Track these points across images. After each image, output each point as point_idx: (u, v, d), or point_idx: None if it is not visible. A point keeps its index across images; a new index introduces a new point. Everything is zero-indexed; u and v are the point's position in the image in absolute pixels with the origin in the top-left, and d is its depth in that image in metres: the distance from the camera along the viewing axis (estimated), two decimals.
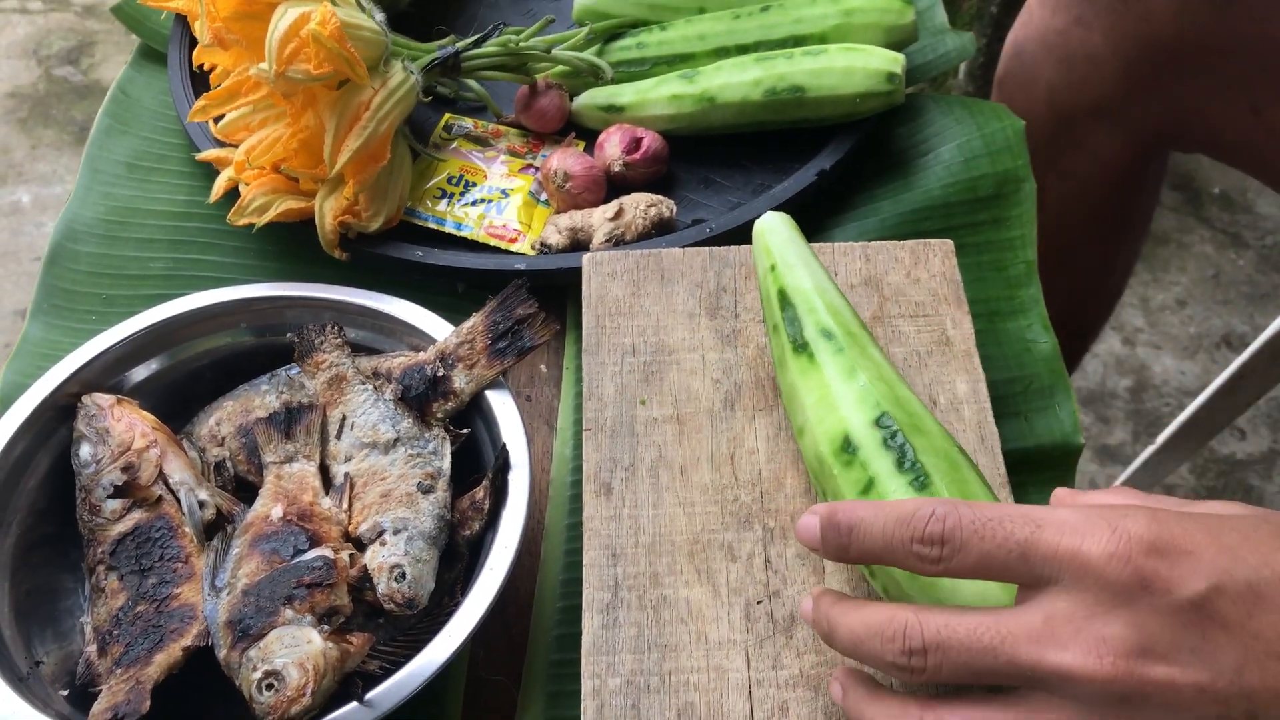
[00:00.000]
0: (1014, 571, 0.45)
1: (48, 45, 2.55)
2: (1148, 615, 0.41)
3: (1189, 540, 0.43)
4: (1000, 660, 0.43)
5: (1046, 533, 0.44)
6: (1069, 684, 0.42)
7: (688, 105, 0.93)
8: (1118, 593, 0.42)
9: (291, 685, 0.58)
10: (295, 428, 0.71)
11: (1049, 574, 0.44)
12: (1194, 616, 0.41)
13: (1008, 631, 0.44)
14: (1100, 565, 0.42)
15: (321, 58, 0.78)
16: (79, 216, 0.92)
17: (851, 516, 0.49)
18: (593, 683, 0.61)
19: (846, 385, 0.62)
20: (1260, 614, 0.41)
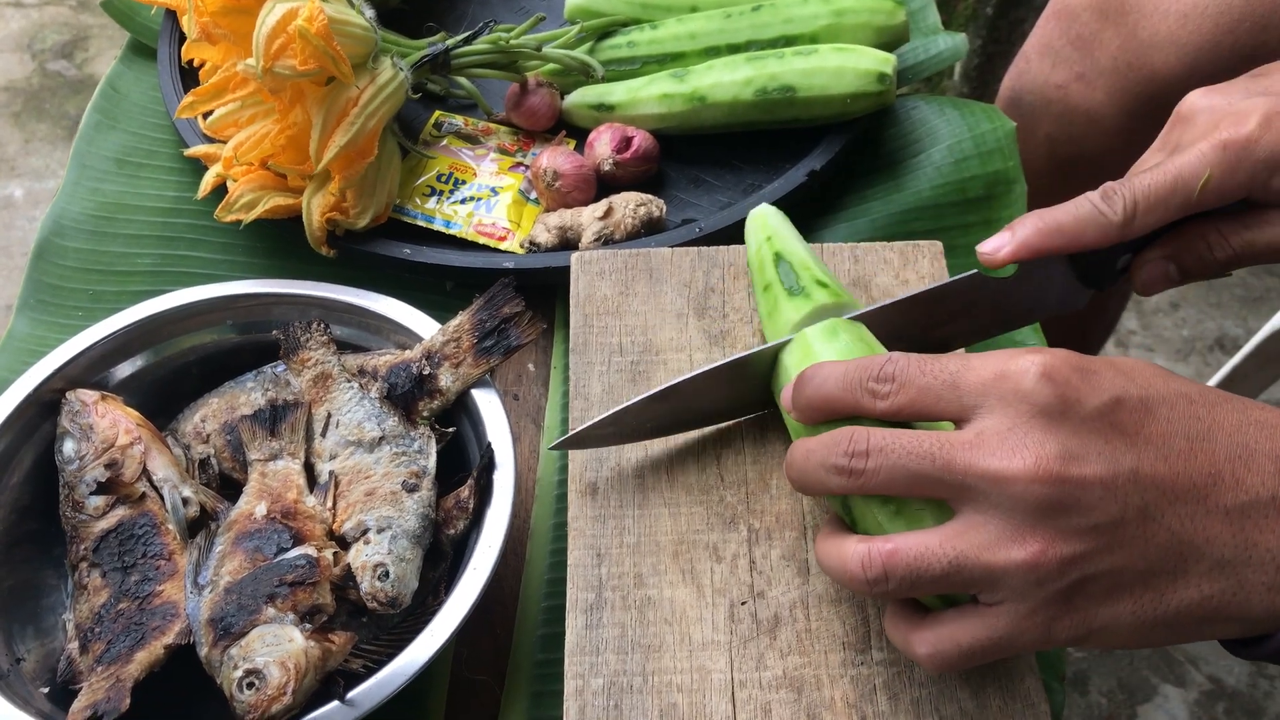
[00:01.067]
0: (947, 402, 0.50)
1: (42, 39, 2.54)
2: (1065, 426, 0.48)
3: (1093, 364, 0.50)
4: (937, 465, 0.48)
5: (974, 362, 0.50)
6: (1000, 486, 0.47)
7: (678, 104, 0.93)
8: (1038, 407, 0.48)
9: (272, 684, 0.58)
10: (280, 425, 0.71)
11: (978, 401, 0.49)
12: (1101, 424, 0.48)
13: (945, 441, 0.49)
14: (1021, 382, 0.48)
15: (308, 54, 0.78)
16: (66, 212, 0.92)
17: (818, 369, 0.55)
18: (576, 683, 0.61)
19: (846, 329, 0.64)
20: (1150, 423, 0.48)
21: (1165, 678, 1.62)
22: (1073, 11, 1.04)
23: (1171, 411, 0.49)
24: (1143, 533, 0.47)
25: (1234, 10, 0.92)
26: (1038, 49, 1.09)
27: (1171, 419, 0.49)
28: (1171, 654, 1.64)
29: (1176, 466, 0.48)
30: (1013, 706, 0.60)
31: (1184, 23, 0.96)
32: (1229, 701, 1.60)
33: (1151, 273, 0.62)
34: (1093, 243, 0.59)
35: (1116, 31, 1.01)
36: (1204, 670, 1.63)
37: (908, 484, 0.50)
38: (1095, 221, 0.58)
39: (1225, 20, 0.93)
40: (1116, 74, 1.02)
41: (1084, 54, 1.04)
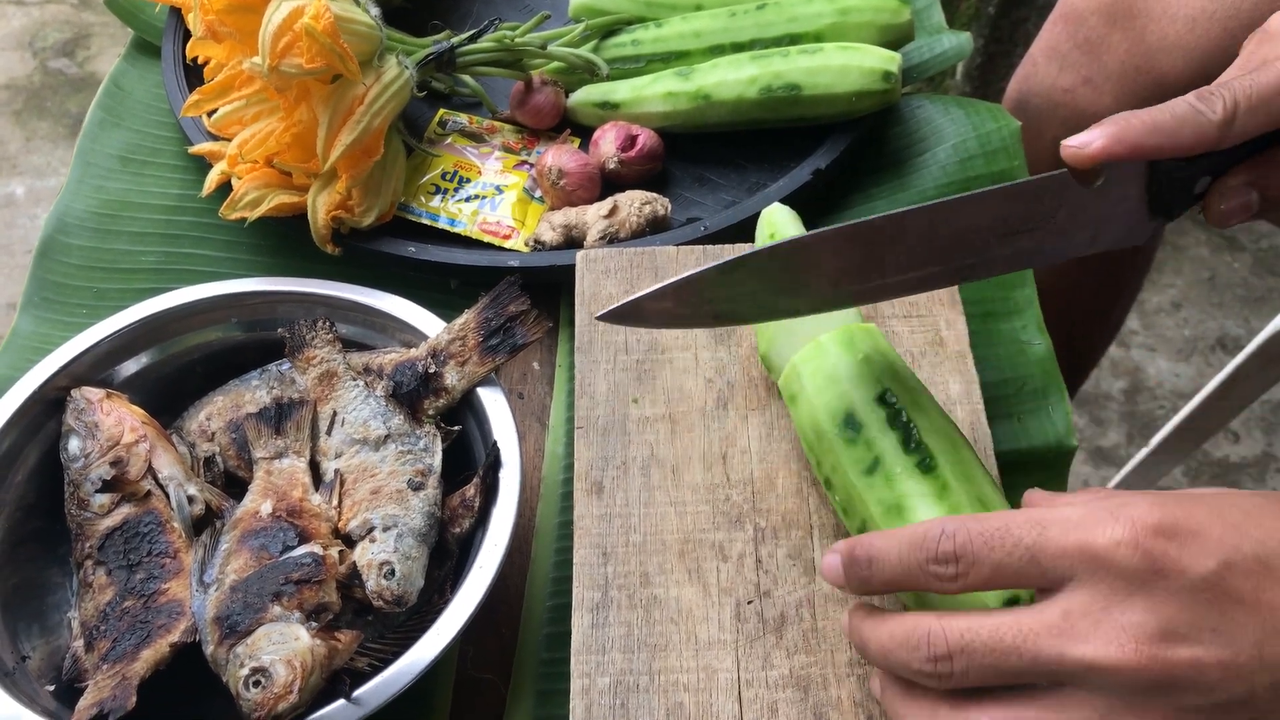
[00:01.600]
0: (1028, 576, 0.45)
1: (43, 37, 2.54)
2: (1164, 599, 0.41)
3: (1193, 520, 0.43)
4: (1025, 659, 0.44)
5: (1052, 532, 0.45)
6: (1095, 675, 0.42)
7: (683, 103, 0.93)
8: (1131, 580, 0.42)
9: (279, 682, 0.58)
10: (285, 423, 0.70)
11: (1062, 572, 0.44)
12: (1209, 595, 0.41)
13: (1029, 629, 0.44)
14: (1110, 554, 0.42)
15: (314, 52, 0.78)
16: (70, 210, 0.92)
17: (869, 550, 0.50)
18: (582, 682, 0.61)
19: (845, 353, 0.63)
20: (1271, 586, 0.42)
21: None
22: (1080, 15, 1.04)
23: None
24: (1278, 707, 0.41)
25: (1242, 15, 0.92)
26: (1044, 52, 1.08)
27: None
28: None
29: None
30: None
31: (1192, 27, 0.95)
32: None
33: (1233, 200, 0.56)
34: (1188, 146, 0.53)
35: (1124, 36, 1.00)
36: None
37: (999, 678, 0.46)
38: (1193, 121, 0.52)
39: (1233, 25, 0.92)
40: (1124, 78, 1.01)
41: (1091, 58, 1.03)
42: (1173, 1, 0.96)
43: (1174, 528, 0.43)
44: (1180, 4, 0.96)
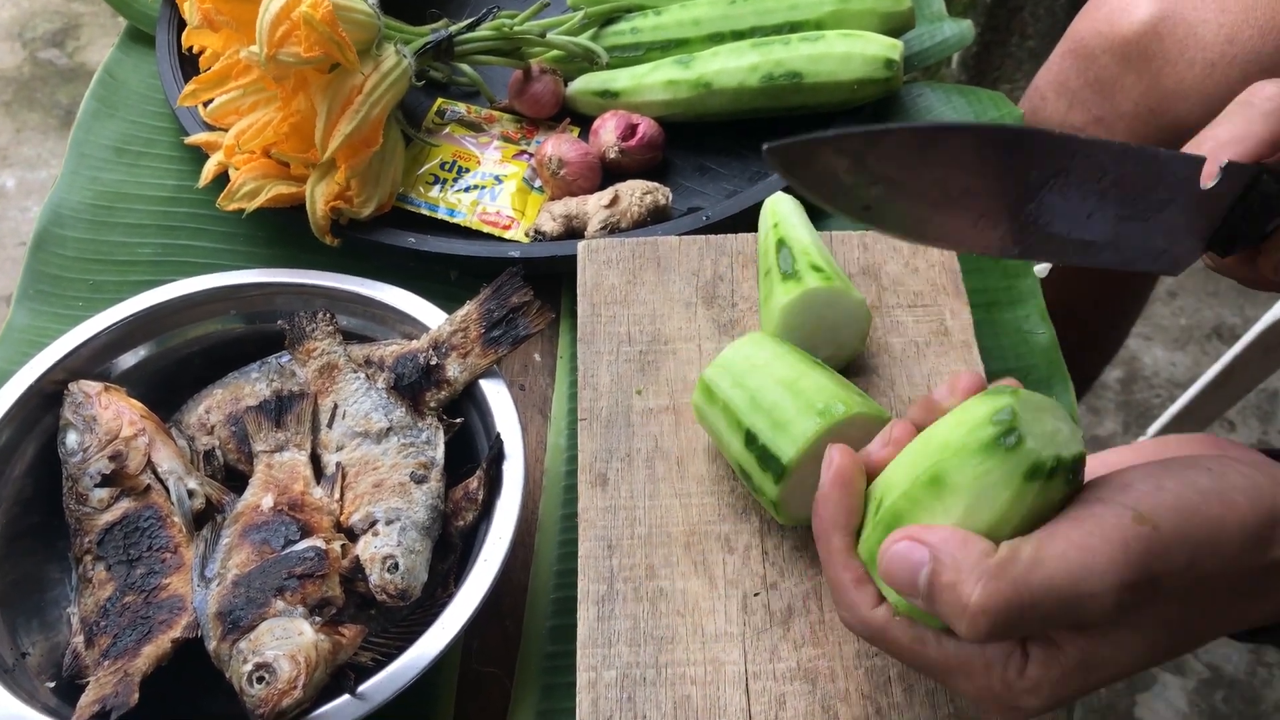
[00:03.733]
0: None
1: (32, 28, 2.52)
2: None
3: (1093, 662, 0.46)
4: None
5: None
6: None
7: (684, 91, 0.93)
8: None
9: (283, 678, 0.57)
10: (286, 416, 0.70)
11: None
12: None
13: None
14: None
15: (312, 41, 0.77)
16: (65, 201, 0.91)
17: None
18: (588, 675, 0.60)
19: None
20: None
21: (1164, 666, 1.62)
22: (1091, 53, 1.00)
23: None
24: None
25: (1262, 61, 0.89)
26: (1053, 86, 1.05)
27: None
28: None
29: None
30: None
31: (1210, 72, 0.91)
32: (1227, 690, 1.60)
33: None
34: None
35: (1139, 78, 0.97)
36: (1203, 659, 1.63)
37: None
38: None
39: (1253, 71, 0.89)
40: (1137, 119, 0.98)
41: (1103, 97, 1.00)
42: (1190, 45, 0.92)
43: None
44: (1198, 48, 0.92)
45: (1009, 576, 0.44)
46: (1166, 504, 0.45)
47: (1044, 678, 0.46)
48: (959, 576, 0.45)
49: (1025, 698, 0.47)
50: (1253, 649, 1.63)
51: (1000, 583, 0.44)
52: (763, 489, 0.61)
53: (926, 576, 0.46)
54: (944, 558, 0.46)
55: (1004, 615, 0.44)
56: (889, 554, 0.47)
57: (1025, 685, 0.46)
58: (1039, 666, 0.46)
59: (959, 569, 0.45)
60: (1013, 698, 0.47)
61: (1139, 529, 0.44)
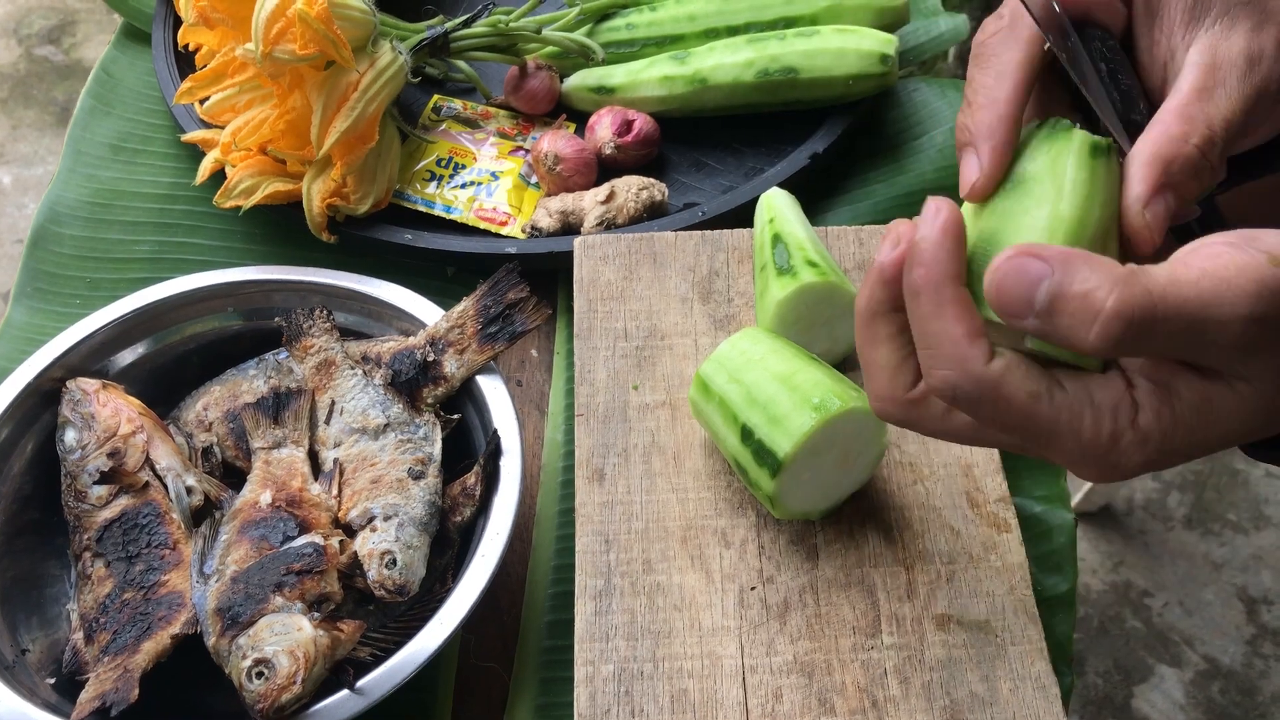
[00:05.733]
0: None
1: (28, 24, 2.52)
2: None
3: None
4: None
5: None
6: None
7: (679, 87, 0.93)
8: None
9: (282, 673, 0.58)
10: (284, 413, 0.70)
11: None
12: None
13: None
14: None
15: (308, 38, 0.77)
16: (62, 199, 0.91)
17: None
18: (586, 669, 0.60)
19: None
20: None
21: (1161, 658, 1.63)
22: None
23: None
24: None
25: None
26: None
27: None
28: (1167, 635, 1.65)
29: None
30: (1023, 689, 0.60)
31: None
32: (1224, 681, 1.61)
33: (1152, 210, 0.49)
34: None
35: None
36: (1199, 650, 1.64)
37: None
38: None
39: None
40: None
41: None
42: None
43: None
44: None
45: (1144, 286, 0.42)
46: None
47: (1154, 428, 0.44)
48: (1090, 285, 0.42)
49: (1130, 451, 0.44)
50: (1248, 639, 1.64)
51: (1135, 289, 0.41)
52: (759, 484, 0.61)
53: (1050, 288, 0.42)
54: (1071, 266, 0.43)
55: (1138, 323, 0.41)
56: (1000, 270, 0.43)
57: (1134, 437, 0.44)
58: (1151, 414, 0.44)
59: (1089, 278, 0.42)
60: (1118, 452, 0.44)
61: (1274, 269, 0.42)
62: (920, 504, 0.66)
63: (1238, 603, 1.69)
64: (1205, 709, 1.59)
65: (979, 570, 0.64)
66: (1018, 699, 0.59)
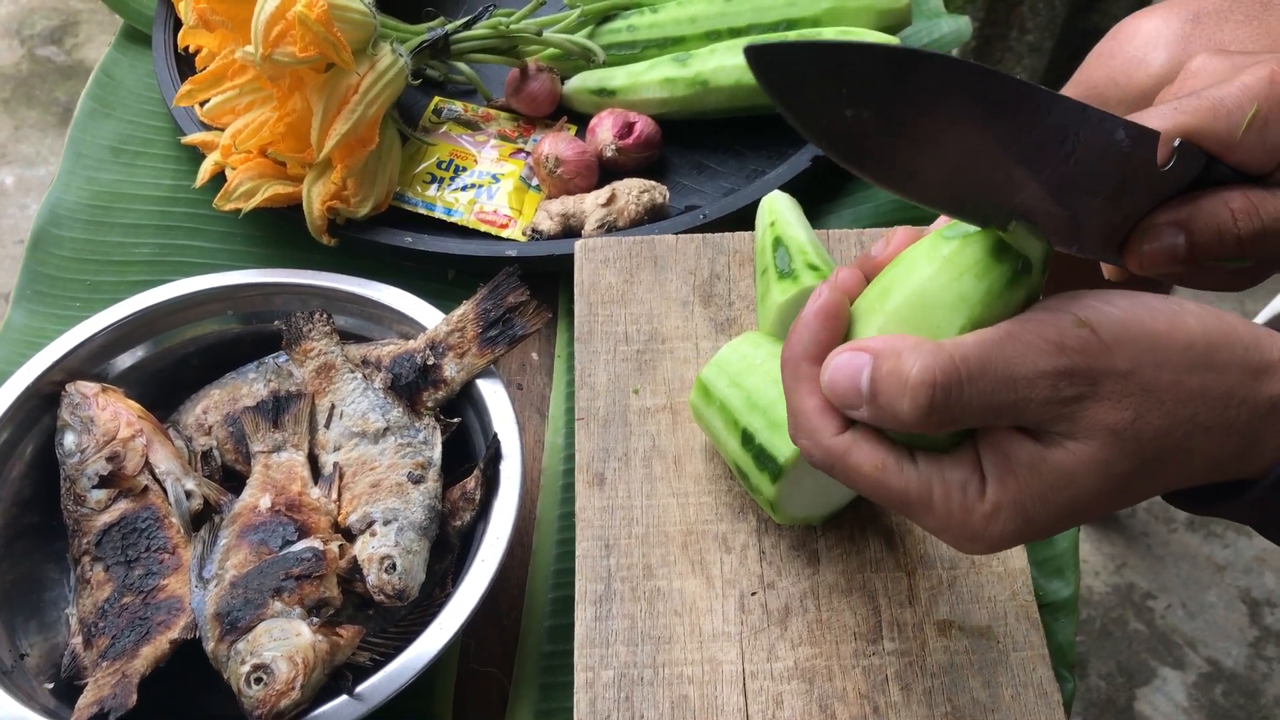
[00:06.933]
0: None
1: (30, 25, 2.52)
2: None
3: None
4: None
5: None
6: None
7: (680, 89, 0.92)
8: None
9: (281, 679, 0.57)
10: (283, 416, 0.70)
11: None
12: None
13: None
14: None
15: (308, 41, 0.77)
16: (62, 201, 0.91)
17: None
18: (586, 675, 0.60)
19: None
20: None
21: (1164, 660, 1.62)
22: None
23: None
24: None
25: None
26: None
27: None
28: (1170, 637, 1.65)
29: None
30: (1025, 696, 0.59)
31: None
32: (1227, 684, 1.61)
33: (1156, 241, 0.49)
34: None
35: None
36: (1202, 653, 1.63)
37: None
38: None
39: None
40: None
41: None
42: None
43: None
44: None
45: (947, 352, 0.44)
46: (1110, 315, 0.44)
47: (1001, 497, 0.45)
48: (898, 361, 0.44)
49: (985, 524, 0.45)
50: (1251, 642, 1.64)
51: (938, 357, 0.44)
52: (759, 488, 0.61)
53: (869, 374, 0.45)
54: (884, 350, 0.45)
55: (943, 386, 0.43)
56: (831, 368, 0.47)
57: (984, 509, 0.45)
58: (995, 485, 0.45)
59: (898, 354, 0.44)
60: (973, 525, 0.46)
61: (1077, 331, 0.44)
62: None
63: (1241, 605, 1.68)
64: (1208, 712, 1.59)
65: (980, 576, 0.63)
66: (1019, 705, 0.59)
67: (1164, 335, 0.44)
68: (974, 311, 0.46)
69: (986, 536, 0.46)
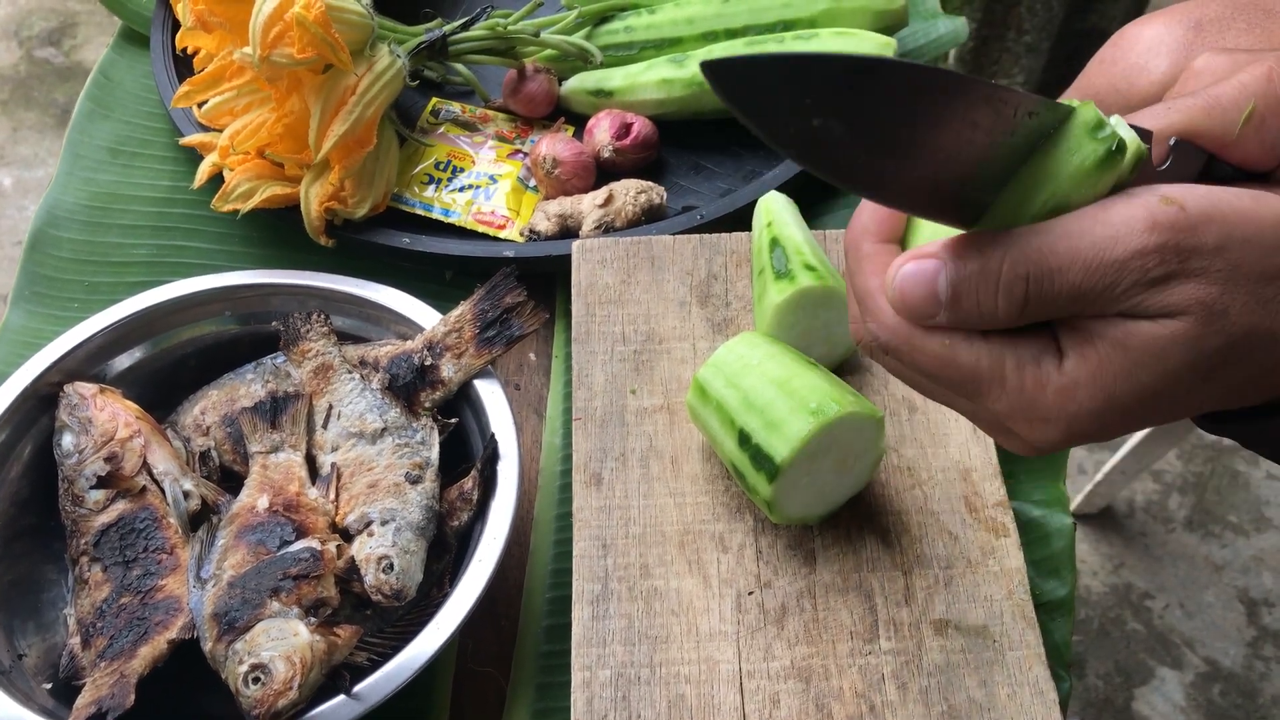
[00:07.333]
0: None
1: (28, 26, 2.52)
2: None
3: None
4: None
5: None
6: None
7: (678, 89, 0.93)
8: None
9: (278, 678, 0.57)
10: (281, 417, 0.70)
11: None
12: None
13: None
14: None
15: (306, 42, 0.77)
16: (60, 202, 0.91)
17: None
18: (583, 674, 0.60)
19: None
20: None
21: (1162, 660, 1.63)
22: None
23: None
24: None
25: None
26: None
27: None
28: (1168, 637, 1.65)
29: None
30: (1021, 695, 0.60)
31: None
32: (1224, 683, 1.61)
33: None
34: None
35: None
36: (1200, 653, 1.63)
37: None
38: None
39: None
40: None
41: None
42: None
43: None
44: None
45: (1034, 243, 0.42)
46: (1196, 192, 0.43)
47: (1080, 372, 0.43)
48: (984, 260, 0.42)
49: (1060, 400, 0.43)
50: (1248, 641, 1.64)
51: (1026, 249, 0.42)
52: (756, 488, 0.61)
53: (946, 278, 0.42)
54: (960, 249, 0.43)
55: (1036, 279, 0.41)
56: (899, 277, 0.44)
57: (1061, 382, 0.43)
58: (1075, 359, 0.43)
59: (980, 252, 0.42)
60: (1047, 404, 0.43)
61: (1165, 207, 0.42)
62: (918, 508, 0.66)
63: (1238, 605, 1.69)
64: (1206, 711, 1.59)
65: (977, 575, 0.63)
66: (1015, 704, 0.59)
67: (1251, 212, 0.43)
68: (1059, 187, 0.43)
69: (1060, 415, 0.44)
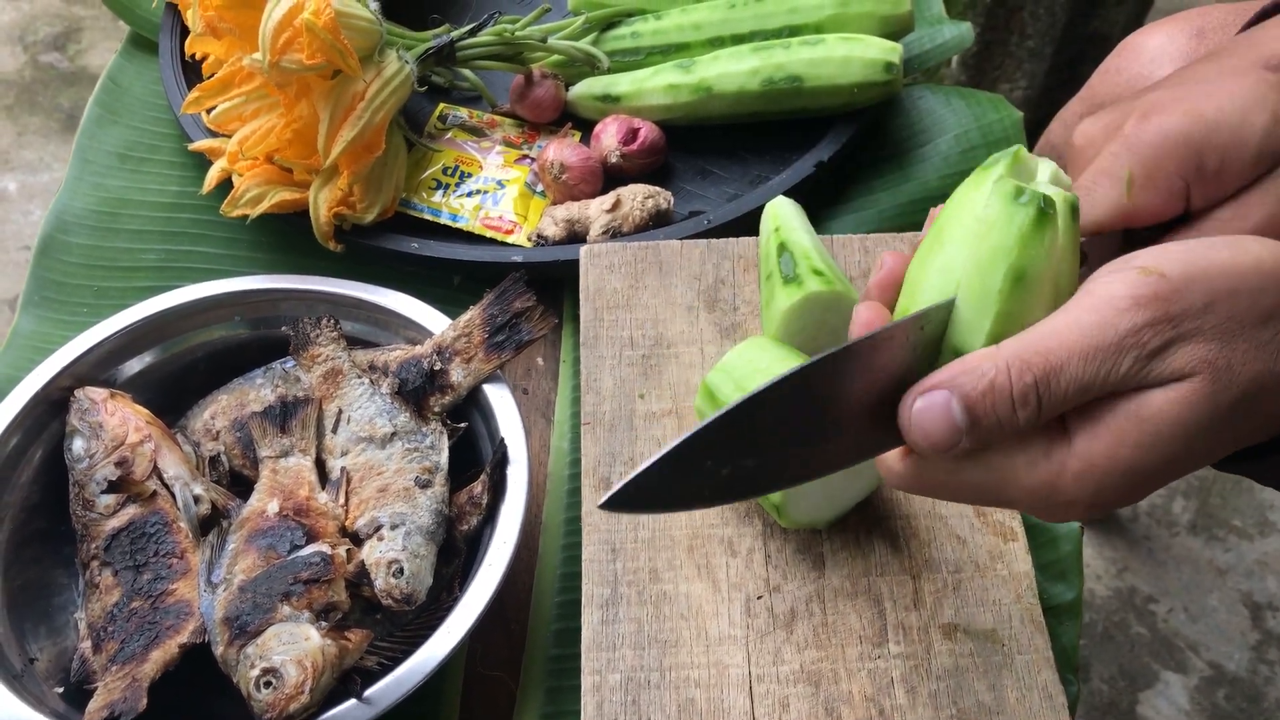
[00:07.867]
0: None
1: (33, 31, 2.52)
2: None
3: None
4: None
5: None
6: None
7: (684, 95, 0.93)
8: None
9: (290, 683, 0.58)
10: (291, 421, 0.70)
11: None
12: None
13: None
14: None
15: (315, 48, 0.78)
16: (69, 208, 0.91)
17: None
18: (593, 679, 0.60)
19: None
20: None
21: (1166, 664, 1.63)
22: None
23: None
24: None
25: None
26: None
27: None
28: (1172, 641, 1.65)
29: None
30: (1030, 699, 0.60)
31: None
32: (1229, 688, 1.61)
33: None
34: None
35: None
36: (1204, 656, 1.63)
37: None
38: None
39: None
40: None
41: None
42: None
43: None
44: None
45: (1030, 348, 0.43)
46: (1172, 256, 0.44)
47: (1093, 453, 0.43)
48: (986, 377, 0.43)
49: (1079, 484, 0.44)
50: (1253, 645, 1.64)
51: (1021, 356, 0.43)
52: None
53: (959, 404, 0.43)
54: (959, 374, 0.44)
55: (1043, 381, 0.42)
56: (914, 414, 0.44)
57: (1076, 467, 0.44)
58: (1086, 440, 0.44)
59: (979, 372, 0.43)
60: (1067, 489, 0.44)
61: (1144, 278, 0.43)
62: (927, 513, 0.66)
63: (1243, 609, 1.68)
64: (1210, 715, 1.59)
65: (985, 579, 0.64)
66: (1024, 708, 0.59)
67: (1229, 263, 0.44)
68: (1012, 258, 0.44)
69: (1081, 496, 0.44)
